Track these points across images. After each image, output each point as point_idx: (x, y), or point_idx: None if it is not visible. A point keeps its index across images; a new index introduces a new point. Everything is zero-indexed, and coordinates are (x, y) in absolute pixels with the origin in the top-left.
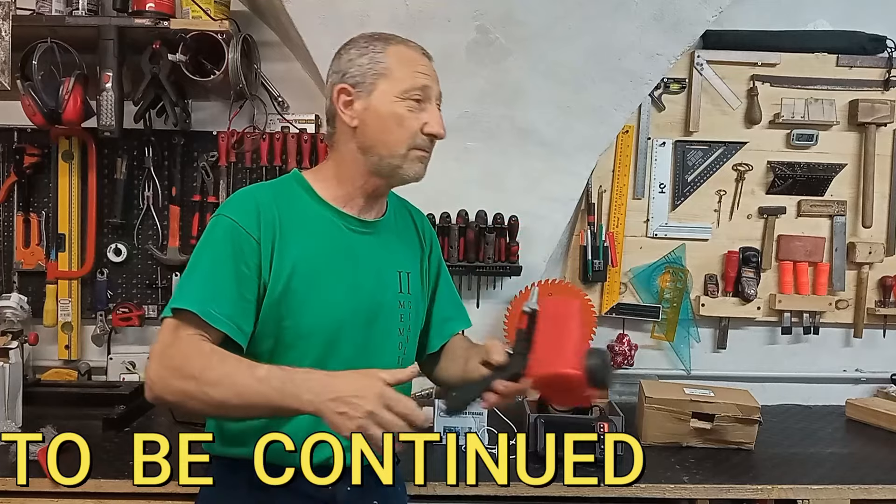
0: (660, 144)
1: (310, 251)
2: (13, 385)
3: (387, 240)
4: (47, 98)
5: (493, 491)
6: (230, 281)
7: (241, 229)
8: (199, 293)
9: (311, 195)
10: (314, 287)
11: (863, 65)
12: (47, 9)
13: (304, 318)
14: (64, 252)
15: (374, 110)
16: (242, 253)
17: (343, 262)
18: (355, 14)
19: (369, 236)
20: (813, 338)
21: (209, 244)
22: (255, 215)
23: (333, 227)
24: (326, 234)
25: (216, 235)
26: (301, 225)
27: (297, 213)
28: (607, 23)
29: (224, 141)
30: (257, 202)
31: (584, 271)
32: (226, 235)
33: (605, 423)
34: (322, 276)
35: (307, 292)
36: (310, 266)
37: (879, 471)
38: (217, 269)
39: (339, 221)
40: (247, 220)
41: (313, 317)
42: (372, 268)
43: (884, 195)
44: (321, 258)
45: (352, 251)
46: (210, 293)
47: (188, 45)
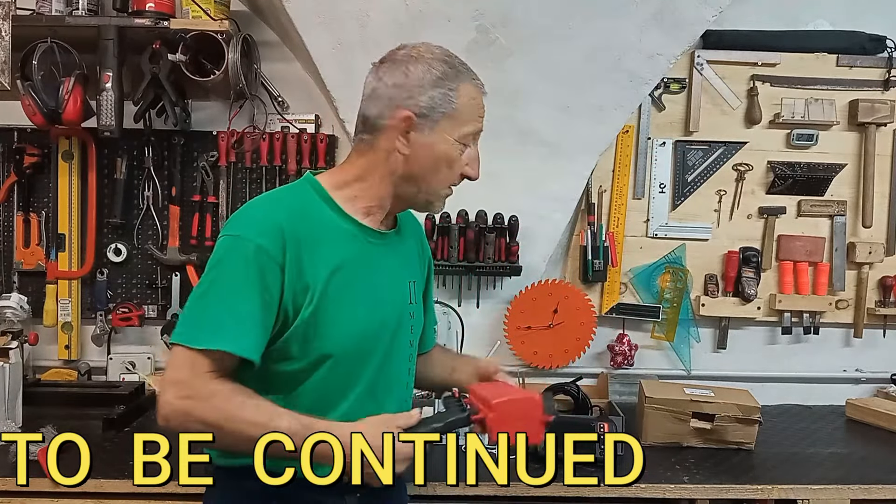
0: (660, 144)
1: (336, 269)
2: (13, 385)
3: (398, 250)
4: (47, 98)
5: (493, 491)
6: (256, 312)
7: (266, 253)
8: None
9: (332, 206)
10: (342, 305)
11: (863, 65)
12: (47, 9)
13: (334, 337)
14: (64, 252)
15: (431, 147)
16: (266, 280)
17: (366, 277)
18: (355, 14)
19: (385, 247)
20: (813, 338)
21: (231, 268)
22: (280, 237)
23: (355, 241)
24: (350, 249)
25: (238, 259)
26: (324, 241)
27: (318, 228)
28: (607, 23)
29: (224, 141)
30: (280, 222)
31: (584, 271)
32: (249, 261)
33: (605, 423)
34: (349, 293)
35: (336, 311)
36: (337, 284)
37: (879, 471)
38: (242, 298)
39: (361, 234)
40: (272, 244)
41: (342, 336)
42: (390, 280)
43: (884, 195)
44: (347, 275)
45: (372, 264)
46: (235, 326)
47: (188, 45)
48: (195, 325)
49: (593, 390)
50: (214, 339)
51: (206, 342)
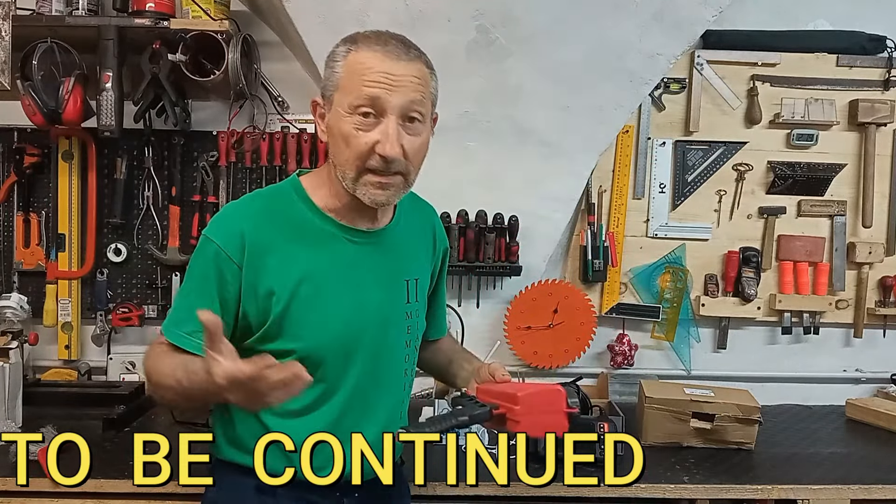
0: (660, 144)
1: (309, 271)
2: (13, 385)
3: (393, 247)
4: (47, 98)
5: (493, 491)
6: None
7: (224, 254)
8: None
9: (309, 206)
10: (314, 307)
11: (863, 65)
12: (47, 9)
13: (307, 339)
14: (64, 252)
15: (333, 127)
16: (224, 279)
17: (346, 279)
18: (355, 14)
19: (373, 246)
20: (813, 338)
21: (195, 266)
22: (239, 241)
23: (334, 241)
24: (327, 250)
25: (200, 258)
26: (297, 243)
27: (292, 229)
28: (607, 23)
29: (224, 141)
30: (242, 225)
31: (584, 271)
32: (209, 260)
33: (605, 423)
34: (324, 295)
35: (307, 313)
36: (309, 286)
37: (879, 471)
38: (199, 295)
39: (340, 234)
40: (229, 244)
41: (316, 337)
42: (378, 281)
43: (884, 195)
44: (321, 277)
45: (355, 265)
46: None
47: (188, 45)
48: (169, 315)
49: (593, 390)
50: (171, 332)
51: (166, 332)
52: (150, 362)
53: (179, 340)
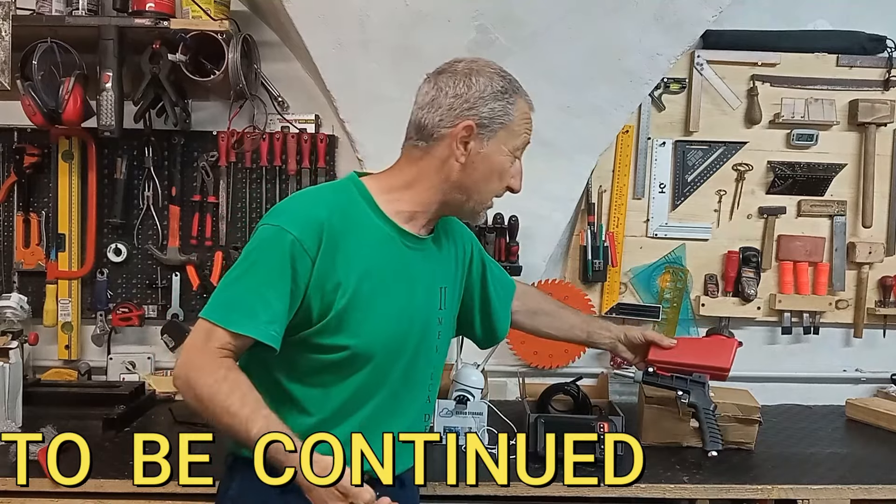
0: (660, 144)
1: (370, 269)
2: (13, 385)
3: (433, 255)
4: (47, 98)
5: (493, 491)
6: (284, 302)
7: (301, 246)
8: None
9: (374, 209)
10: (374, 305)
11: (863, 65)
12: (47, 9)
13: (364, 335)
14: (64, 252)
15: (487, 158)
16: (297, 272)
17: (400, 280)
18: (355, 14)
19: (422, 253)
20: (813, 338)
21: (267, 257)
22: (318, 233)
23: (392, 244)
24: (385, 252)
25: (272, 249)
26: (361, 241)
27: (357, 228)
28: (607, 23)
29: (224, 141)
30: (321, 218)
31: (584, 271)
32: (285, 252)
33: (605, 423)
34: (381, 293)
35: (367, 310)
36: (370, 284)
37: (879, 471)
38: (273, 288)
39: (398, 237)
40: (308, 238)
41: (373, 334)
42: (423, 285)
43: (884, 195)
44: (380, 276)
45: (407, 268)
46: (264, 314)
47: (188, 45)
48: (228, 305)
49: (593, 390)
50: (244, 324)
51: (236, 325)
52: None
53: (260, 334)
